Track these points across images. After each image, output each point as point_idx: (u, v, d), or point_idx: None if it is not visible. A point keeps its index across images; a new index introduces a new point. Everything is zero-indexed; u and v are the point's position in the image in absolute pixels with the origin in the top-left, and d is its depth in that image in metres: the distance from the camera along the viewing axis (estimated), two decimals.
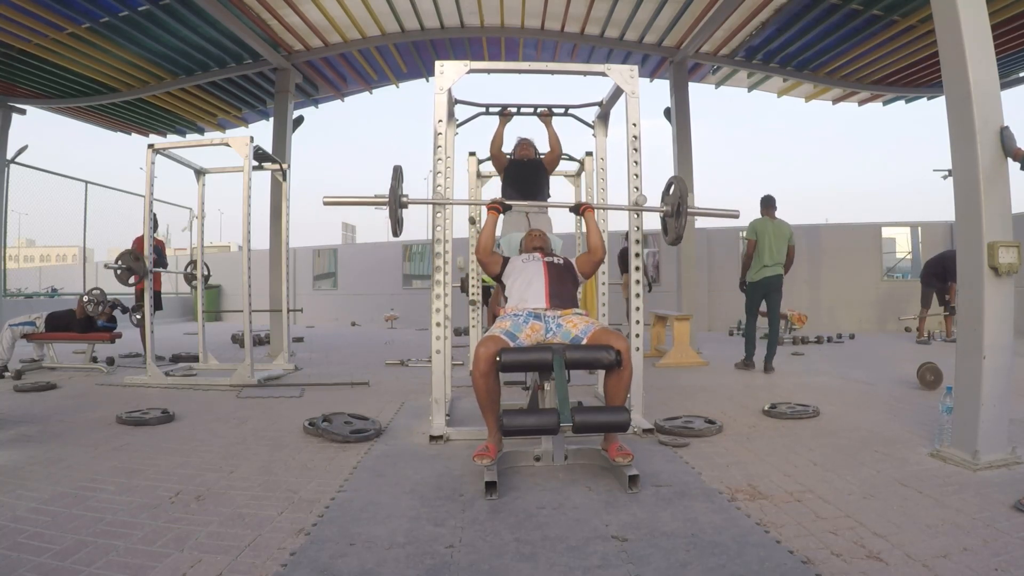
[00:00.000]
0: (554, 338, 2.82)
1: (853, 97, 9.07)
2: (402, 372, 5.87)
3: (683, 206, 3.12)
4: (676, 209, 3.17)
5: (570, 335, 2.80)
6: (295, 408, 4.11)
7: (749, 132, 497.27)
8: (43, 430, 3.45)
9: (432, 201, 3.32)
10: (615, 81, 3.54)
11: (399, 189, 3.08)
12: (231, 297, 14.25)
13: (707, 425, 3.41)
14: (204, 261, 6.51)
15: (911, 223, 11.33)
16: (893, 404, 4.07)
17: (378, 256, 14.05)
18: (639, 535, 2.01)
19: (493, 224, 3.24)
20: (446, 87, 3.39)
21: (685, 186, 3.17)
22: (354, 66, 8.51)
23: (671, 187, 3.25)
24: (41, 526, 2.06)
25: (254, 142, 5.20)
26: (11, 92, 8.12)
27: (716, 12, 6.64)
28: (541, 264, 3.06)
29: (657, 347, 6.97)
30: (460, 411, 3.98)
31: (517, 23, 7.54)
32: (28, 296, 11.68)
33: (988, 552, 1.84)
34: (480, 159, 5.58)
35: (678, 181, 3.20)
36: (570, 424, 2.42)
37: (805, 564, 1.79)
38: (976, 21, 2.75)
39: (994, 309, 2.67)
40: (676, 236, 3.23)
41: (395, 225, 3.13)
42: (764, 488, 2.45)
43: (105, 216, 11.19)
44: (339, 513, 2.20)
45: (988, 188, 2.67)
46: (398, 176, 3.08)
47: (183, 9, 6.30)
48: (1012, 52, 6.80)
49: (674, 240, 3.26)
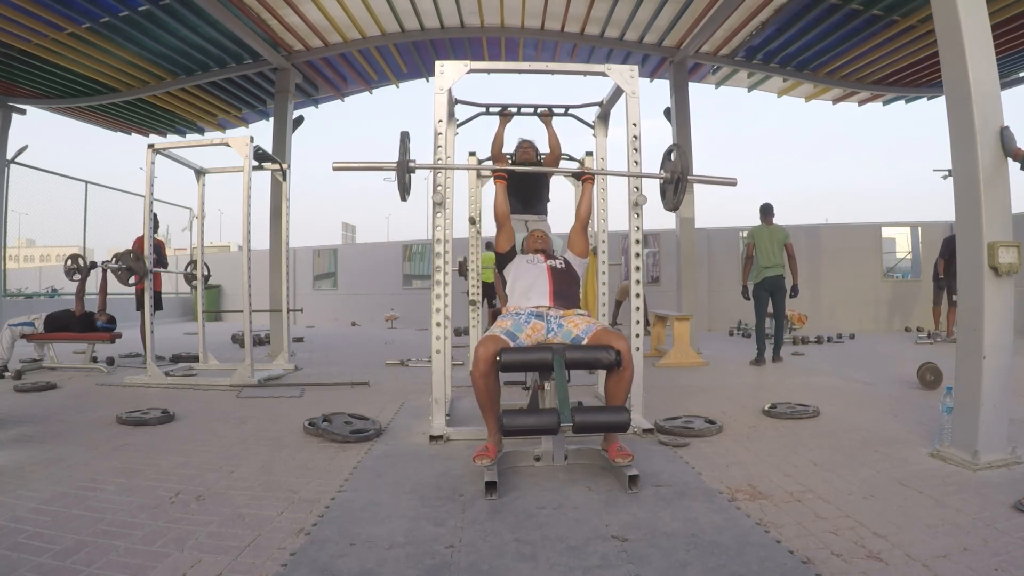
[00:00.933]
0: (555, 338, 2.81)
1: (853, 97, 9.07)
2: (402, 372, 5.87)
3: (684, 173, 3.10)
4: (676, 177, 3.15)
5: (571, 335, 2.80)
6: (295, 408, 4.11)
7: (749, 132, 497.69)
8: (43, 430, 3.45)
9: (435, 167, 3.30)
10: (615, 81, 3.54)
11: (407, 154, 3.07)
12: (231, 297, 14.25)
13: (707, 425, 3.41)
14: (204, 261, 6.51)
15: (911, 223, 11.33)
16: (893, 404, 4.07)
17: (378, 256, 14.05)
18: (639, 535, 2.01)
19: (504, 190, 3.28)
20: (446, 87, 3.39)
21: (686, 154, 3.15)
22: (354, 66, 8.50)
23: (671, 153, 3.23)
24: (41, 526, 2.06)
25: (254, 142, 5.20)
26: (11, 92, 8.12)
27: (716, 12, 6.64)
28: (544, 267, 3.08)
29: (657, 347, 6.97)
30: (460, 411, 3.98)
31: (517, 23, 7.54)
32: (28, 296, 11.69)
33: (988, 552, 1.84)
34: (480, 159, 5.58)
35: (678, 149, 3.19)
36: (570, 424, 2.42)
37: (805, 564, 1.79)
38: (976, 21, 2.74)
39: (994, 309, 2.66)
40: (675, 204, 3.21)
41: (403, 190, 3.12)
42: (764, 488, 2.45)
43: (105, 216, 11.22)
44: (339, 513, 2.20)
45: (988, 188, 2.67)
46: (405, 142, 3.08)
47: (183, 9, 6.30)
48: (1012, 52, 6.80)
49: (673, 207, 3.25)
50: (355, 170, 3.12)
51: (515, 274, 3.12)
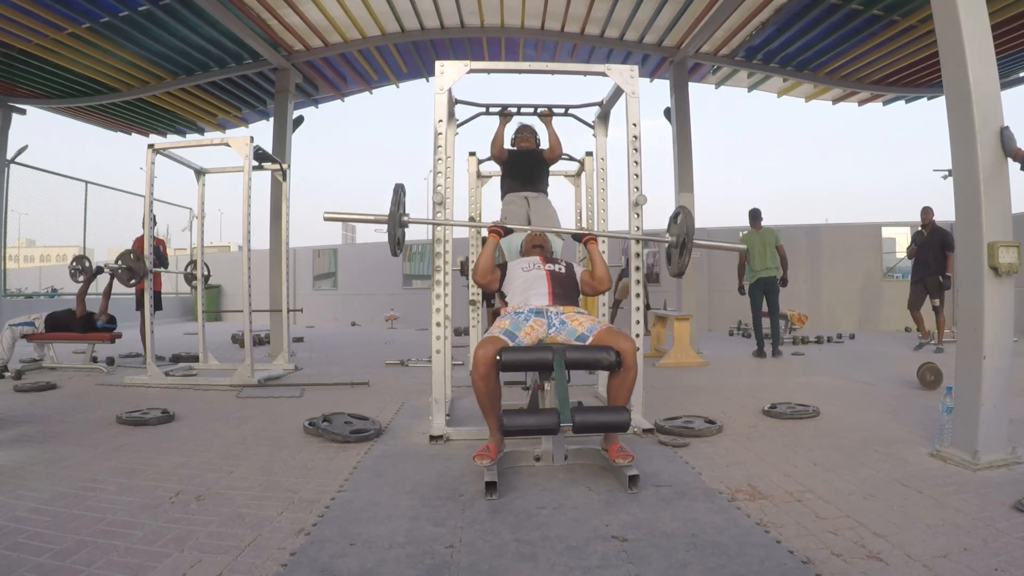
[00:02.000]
0: (557, 335, 2.79)
1: (853, 97, 9.07)
2: (402, 372, 5.87)
3: (689, 239, 3.11)
4: (681, 241, 3.15)
5: (575, 332, 2.77)
6: (295, 408, 4.11)
7: (749, 132, 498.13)
8: (43, 430, 3.45)
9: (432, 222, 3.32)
10: (615, 81, 3.54)
11: (400, 209, 3.03)
12: (231, 297, 14.25)
13: (707, 425, 3.41)
14: (204, 261, 6.51)
15: (911, 223, 11.30)
16: (893, 404, 4.07)
17: (378, 256, 14.03)
18: (639, 535, 2.01)
19: (493, 248, 3.16)
20: (446, 87, 3.39)
21: (692, 218, 3.14)
22: (354, 66, 8.50)
23: (678, 216, 3.24)
24: (41, 526, 2.06)
25: (254, 142, 5.20)
26: (11, 92, 8.12)
27: (716, 12, 6.64)
28: (543, 272, 3.07)
29: (657, 347, 6.97)
30: (460, 411, 3.99)
31: (517, 23, 7.54)
32: (28, 296, 11.68)
33: (988, 552, 1.84)
34: (480, 159, 5.58)
35: (684, 212, 3.18)
36: (570, 424, 2.42)
37: (805, 564, 1.79)
38: (976, 21, 2.74)
39: (994, 309, 2.66)
40: (679, 270, 3.22)
41: (394, 245, 3.06)
42: (764, 488, 2.45)
43: (105, 216, 11.21)
44: (339, 513, 2.20)
45: (988, 188, 2.67)
46: (399, 195, 3.04)
47: (183, 9, 6.30)
48: (1012, 52, 6.81)
49: (677, 273, 3.26)
50: (347, 221, 3.14)
51: (514, 281, 3.08)
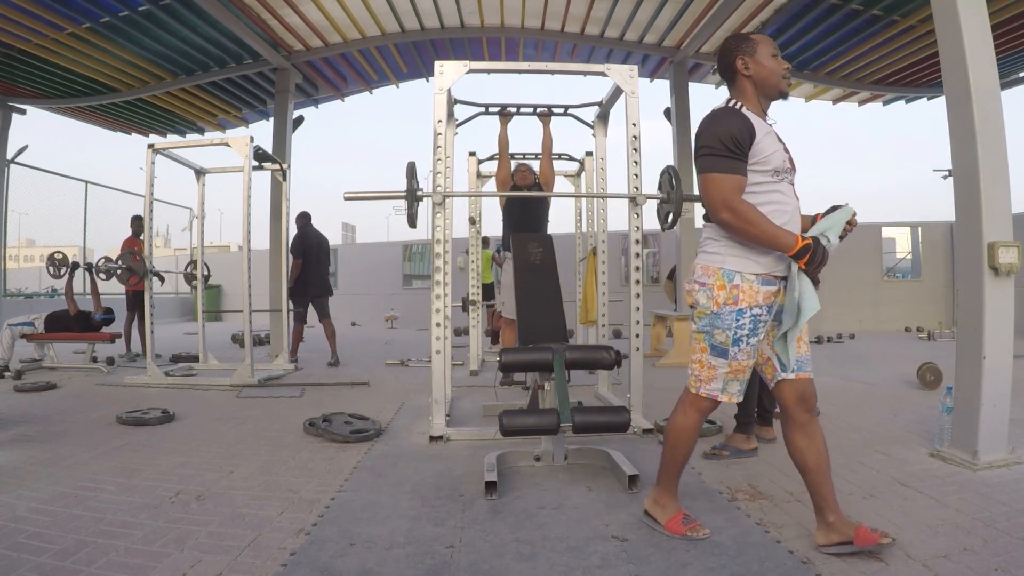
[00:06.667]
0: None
1: (853, 97, 9.06)
2: (402, 372, 5.87)
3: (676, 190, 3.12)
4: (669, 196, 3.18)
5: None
6: (295, 408, 4.11)
7: None
8: (43, 430, 3.45)
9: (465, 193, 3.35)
10: (615, 81, 3.54)
11: (414, 184, 3.20)
12: (231, 297, 14.25)
13: (707, 425, 3.40)
14: (204, 261, 6.51)
15: (911, 223, 11.33)
16: (893, 404, 4.07)
17: (378, 256, 14.05)
18: (639, 535, 2.01)
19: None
20: (446, 87, 3.39)
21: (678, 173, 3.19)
22: (354, 66, 8.50)
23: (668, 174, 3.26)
24: (41, 526, 2.06)
25: (254, 142, 5.20)
26: (11, 92, 8.12)
27: (716, 12, 6.64)
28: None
29: (657, 347, 6.97)
30: (460, 411, 3.99)
31: (517, 23, 7.54)
32: (28, 296, 11.69)
33: (988, 552, 1.84)
34: (480, 159, 5.58)
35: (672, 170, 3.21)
36: (570, 424, 2.42)
37: (805, 564, 1.79)
38: (976, 21, 2.75)
39: (994, 309, 2.66)
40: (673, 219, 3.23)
41: (411, 218, 3.30)
42: (764, 488, 2.46)
43: (105, 216, 11.22)
44: (339, 513, 2.20)
45: (988, 188, 2.67)
46: (412, 172, 3.20)
47: (183, 9, 6.29)
48: (1012, 52, 6.80)
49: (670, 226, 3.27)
50: (366, 199, 3.37)
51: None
